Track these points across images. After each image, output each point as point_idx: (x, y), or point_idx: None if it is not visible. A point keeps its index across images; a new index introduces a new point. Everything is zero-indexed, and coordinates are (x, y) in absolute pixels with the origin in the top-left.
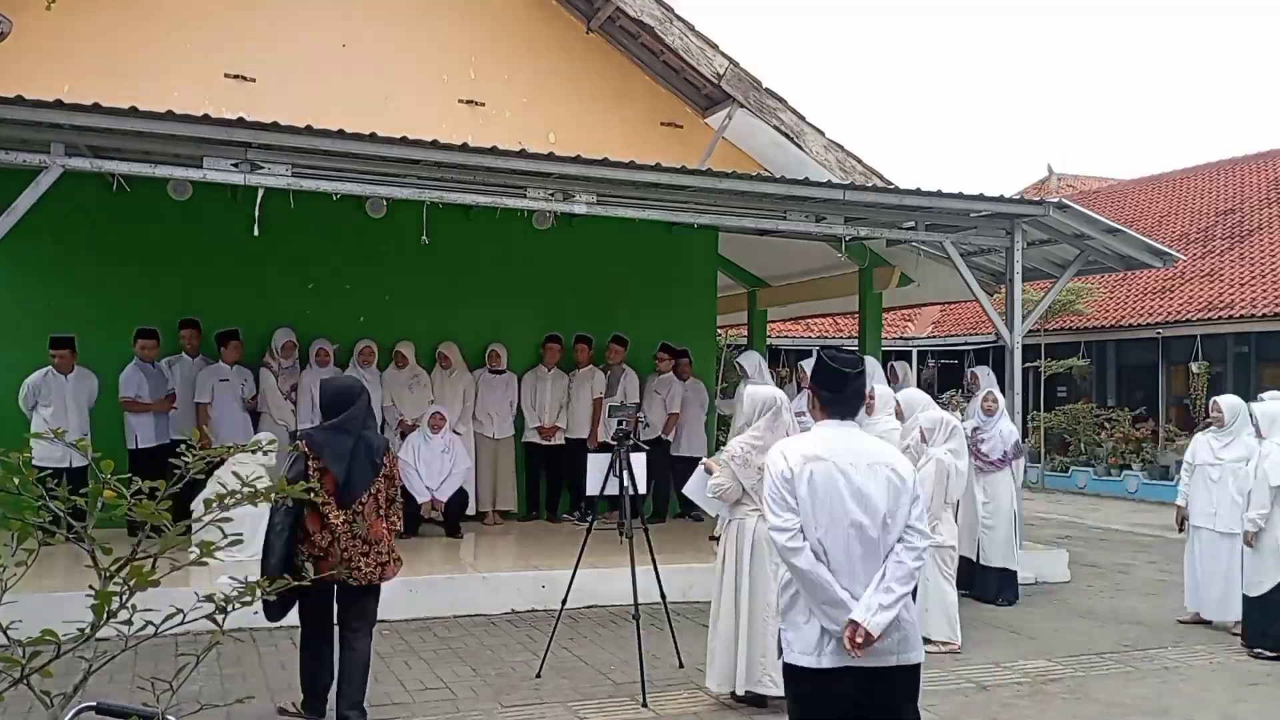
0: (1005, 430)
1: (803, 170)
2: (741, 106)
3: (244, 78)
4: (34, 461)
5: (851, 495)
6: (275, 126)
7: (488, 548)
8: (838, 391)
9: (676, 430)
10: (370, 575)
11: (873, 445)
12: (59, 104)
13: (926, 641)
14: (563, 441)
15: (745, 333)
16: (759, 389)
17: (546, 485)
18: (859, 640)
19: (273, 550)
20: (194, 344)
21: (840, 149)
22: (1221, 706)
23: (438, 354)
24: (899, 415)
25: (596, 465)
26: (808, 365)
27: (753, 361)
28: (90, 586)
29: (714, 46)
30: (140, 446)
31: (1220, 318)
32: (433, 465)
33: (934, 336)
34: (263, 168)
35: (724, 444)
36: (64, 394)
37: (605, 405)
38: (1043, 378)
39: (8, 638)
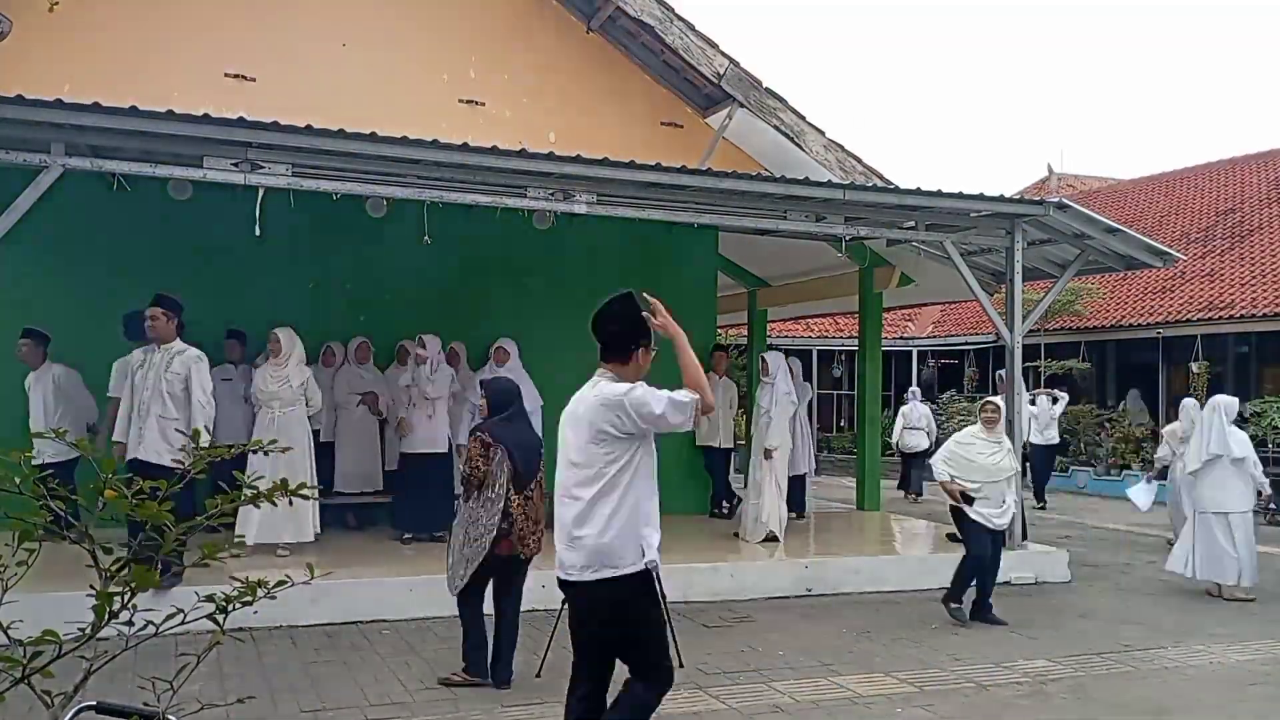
0: None
1: (803, 170)
2: (741, 106)
3: (244, 77)
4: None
5: None
6: (275, 126)
7: None
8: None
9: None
10: (535, 550)
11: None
12: (59, 104)
13: None
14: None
15: (745, 333)
16: None
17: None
18: None
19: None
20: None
21: (840, 149)
22: (1221, 706)
23: (448, 351)
24: None
25: None
26: (770, 357)
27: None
28: (91, 586)
29: (714, 46)
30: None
31: (1220, 318)
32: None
33: (934, 336)
34: (263, 167)
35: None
36: (33, 388)
37: None
38: (1043, 378)
39: (8, 637)
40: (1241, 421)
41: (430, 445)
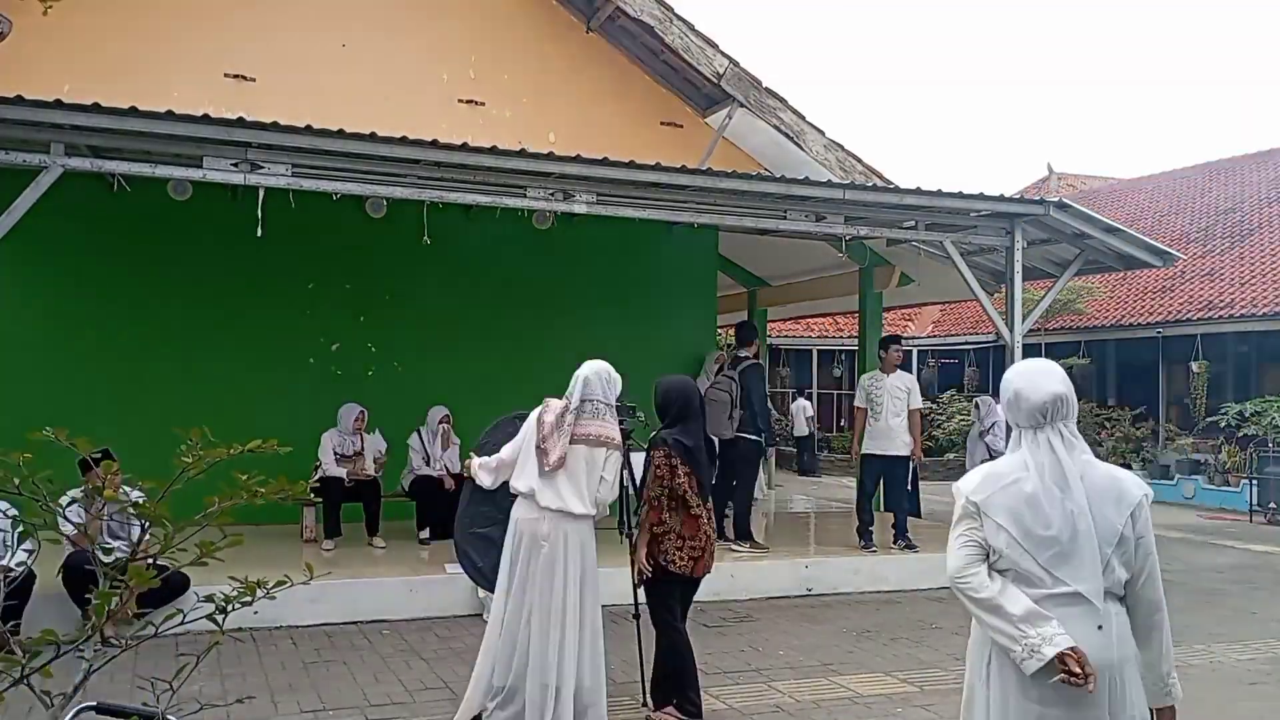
0: None
1: (803, 170)
2: (741, 106)
3: (244, 78)
4: None
5: None
6: (275, 126)
7: None
8: None
9: None
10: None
11: None
12: (59, 104)
13: None
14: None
15: None
16: None
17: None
18: None
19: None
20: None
21: (840, 149)
22: (1221, 706)
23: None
24: None
25: None
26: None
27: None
28: (90, 586)
29: (714, 46)
30: None
31: (1220, 317)
32: None
33: (934, 336)
34: (263, 168)
35: None
36: None
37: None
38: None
39: (9, 637)
40: (1241, 420)
41: None
